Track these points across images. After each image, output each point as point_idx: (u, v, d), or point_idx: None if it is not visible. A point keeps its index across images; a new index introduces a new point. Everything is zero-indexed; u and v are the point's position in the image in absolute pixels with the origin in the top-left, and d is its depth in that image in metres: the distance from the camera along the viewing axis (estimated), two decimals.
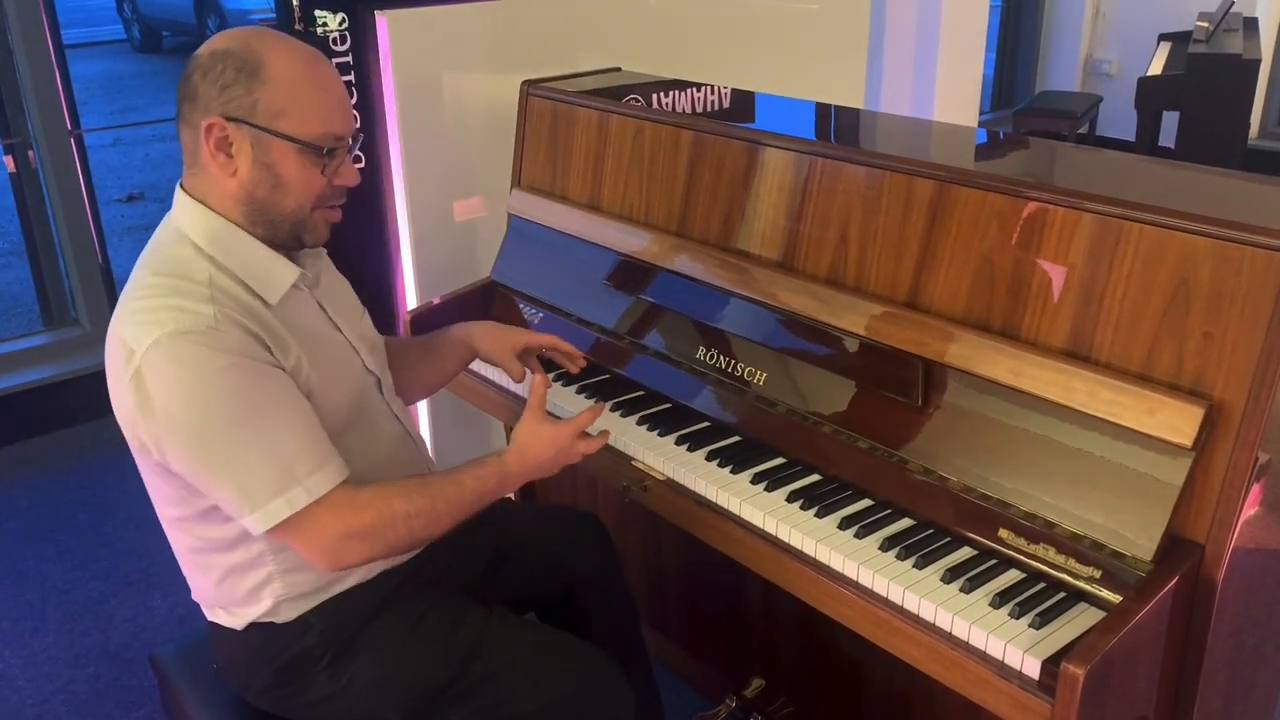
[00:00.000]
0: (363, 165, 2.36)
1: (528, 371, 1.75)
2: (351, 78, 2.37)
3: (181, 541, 1.43)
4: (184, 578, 1.48)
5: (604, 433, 1.58)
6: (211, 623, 1.49)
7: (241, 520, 1.30)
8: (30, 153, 3.48)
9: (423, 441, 1.63)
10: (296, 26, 2.37)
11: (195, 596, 1.50)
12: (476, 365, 1.95)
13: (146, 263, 1.35)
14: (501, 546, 1.69)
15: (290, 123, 1.31)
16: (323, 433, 1.33)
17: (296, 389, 1.32)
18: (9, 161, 3.52)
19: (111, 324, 1.31)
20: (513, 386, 1.97)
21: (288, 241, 1.39)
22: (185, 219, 1.35)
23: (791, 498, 1.54)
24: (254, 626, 1.43)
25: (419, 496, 1.36)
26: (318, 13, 2.39)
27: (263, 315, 1.33)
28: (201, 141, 1.31)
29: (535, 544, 1.72)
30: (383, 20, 2.36)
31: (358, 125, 1.44)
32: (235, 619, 1.44)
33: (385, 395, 1.53)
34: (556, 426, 1.48)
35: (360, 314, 1.57)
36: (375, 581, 1.47)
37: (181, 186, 1.38)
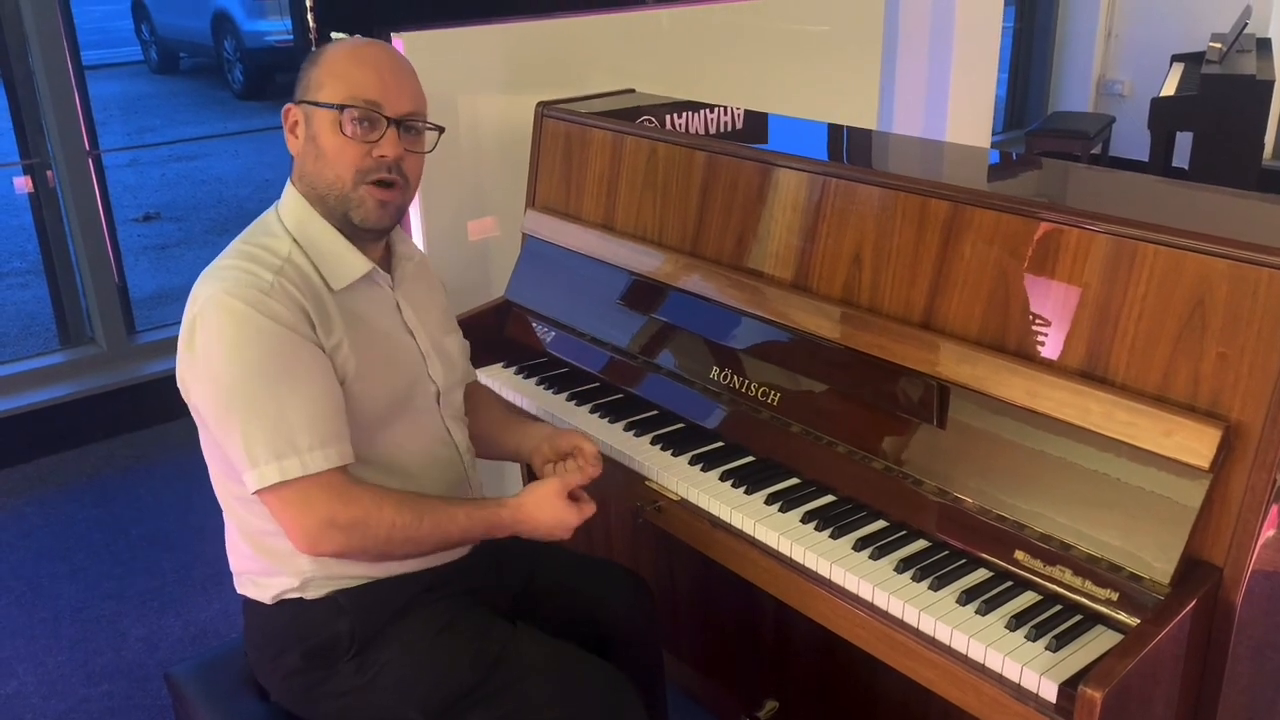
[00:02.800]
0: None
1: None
2: None
3: (234, 512, 1.51)
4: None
5: (590, 504, 1.54)
6: (245, 601, 1.55)
7: (243, 476, 1.37)
8: (49, 173, 3.51)
9: (471, 451, 1.66)
10: (312, 49, 2.39)
11: (232, 565, 1.57)
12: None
13: (241, 235, 1.50)
14: (529, 586, 1.69)
15: (325, 93, 1.45)
16: (339, 416, 1.40)
17: (330, 370, 1.41)
18: (28, 181, 3.56)
19: None
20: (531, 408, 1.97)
21: (342, 223, 1.48)
22: (283, 203, 1.51)
23: (806, 518, 1.54)
24: (284, 603, 1.48)
25: (408, 510, 1.41)
26: (334, 34, 2.42)
27: (322, 295, 1.44)
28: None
29: (566, 594, 1.70)
30: (399, 41, 2.38)
31: (422, 106, 1.53)
32: (263, 591, 1.49)
33: (441, 407, 1.59)
34: (568, 510, 1.49)
35: (446, 331, 1.65)
36: (404, 580, 1.50)
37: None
